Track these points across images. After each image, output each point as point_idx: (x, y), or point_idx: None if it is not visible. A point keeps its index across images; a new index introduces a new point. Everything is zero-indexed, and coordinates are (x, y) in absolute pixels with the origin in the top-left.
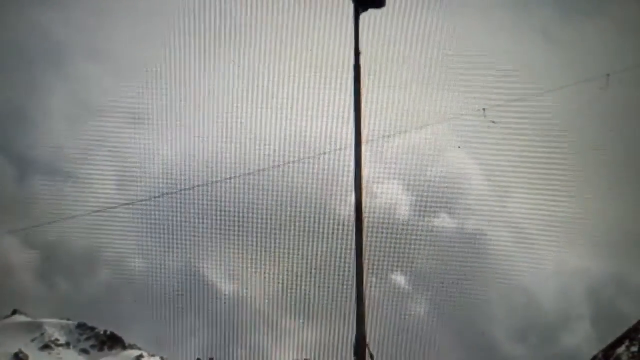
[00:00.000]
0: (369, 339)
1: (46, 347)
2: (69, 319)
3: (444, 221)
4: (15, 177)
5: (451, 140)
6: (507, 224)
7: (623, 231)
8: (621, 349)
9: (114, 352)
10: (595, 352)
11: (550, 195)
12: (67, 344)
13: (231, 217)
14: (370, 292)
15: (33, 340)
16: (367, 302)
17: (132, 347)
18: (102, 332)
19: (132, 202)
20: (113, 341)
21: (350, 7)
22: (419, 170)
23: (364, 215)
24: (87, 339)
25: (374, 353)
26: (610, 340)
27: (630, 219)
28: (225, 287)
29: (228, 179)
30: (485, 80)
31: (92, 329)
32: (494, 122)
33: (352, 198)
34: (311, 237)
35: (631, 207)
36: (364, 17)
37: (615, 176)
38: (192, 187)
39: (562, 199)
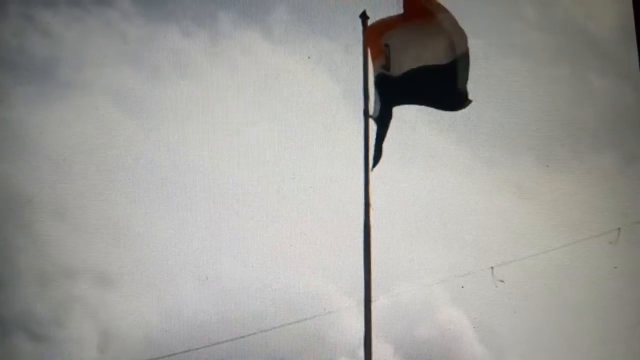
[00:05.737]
0: None
1: None
2: None
3: None
4: None
5: (445, 298)
6: None
7: None
8: None
9: None
10: None
11: (546, 357)
12: None
13: None
14: None
15: None
16: None
17: None
18: None
19: None
20: None
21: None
22: (409, 330)
23: None
24: None
25: None
26: None
27: None
28: None
29: (209, 345)
30: (488, 237)
31: None
32: (502, 281)
33: None
34: None
35: None
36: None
37: (614, 335)
38: (175, 353)
39: None
